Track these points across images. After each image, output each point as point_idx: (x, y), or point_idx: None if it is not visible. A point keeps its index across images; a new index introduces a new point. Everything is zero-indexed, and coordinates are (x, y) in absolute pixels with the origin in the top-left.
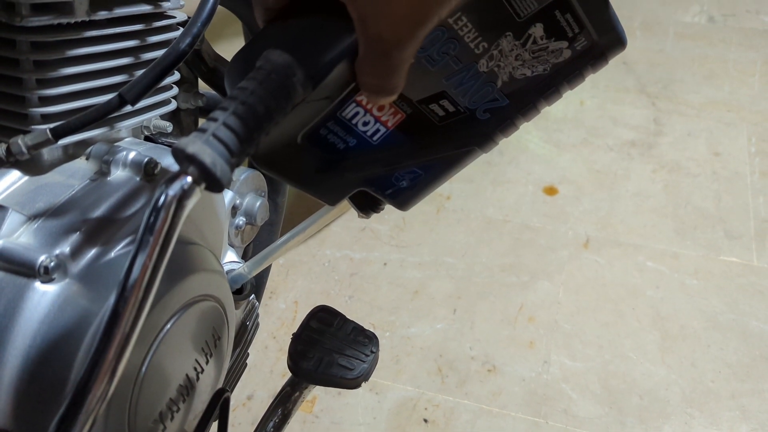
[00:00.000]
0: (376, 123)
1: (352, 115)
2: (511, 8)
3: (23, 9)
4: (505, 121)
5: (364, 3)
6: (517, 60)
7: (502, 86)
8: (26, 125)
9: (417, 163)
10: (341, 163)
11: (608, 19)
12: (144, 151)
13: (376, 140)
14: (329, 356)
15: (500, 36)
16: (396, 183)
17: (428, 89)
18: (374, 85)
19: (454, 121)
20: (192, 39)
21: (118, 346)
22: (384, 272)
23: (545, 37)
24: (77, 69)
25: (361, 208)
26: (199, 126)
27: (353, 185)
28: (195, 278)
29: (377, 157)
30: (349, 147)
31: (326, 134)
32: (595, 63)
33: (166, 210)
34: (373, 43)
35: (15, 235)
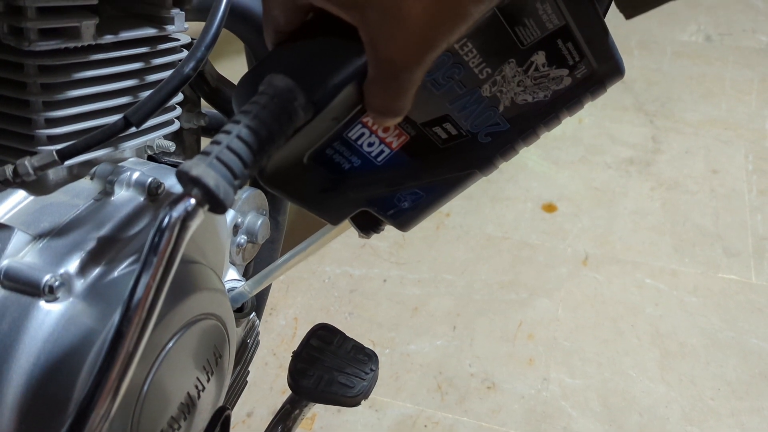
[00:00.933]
0: (381, 144)
1: (357, 136)
2: (515, 36)
3: (31, 34)
4: (505, 146)
5: (376, 26)
6: (519, 86)
7: (504, 111)
8: (32, 146)
9: (419, 184)
10: (345, 183)
11: (608, 49)
12: (147, 171)
13: (380, 161)
14: (329, 374)
15: (504, 62)
16: (398, 204)
17: (432, 112)
18: (382, 106)
19: (457, 144)
20: (196, 63)
21: (122, 365)
22: (384, 289)
23: (547, 65)
24: (83, 91)
25: (362, 228)
26: (203, 149)
27: (356, 205)
28: (197, 297)
29: (380, 177)
30: (353, 167)
31: (332, 154)
32: (594, 91)
33: (170, 231)
34: (384, 65)
35: (20, 254)
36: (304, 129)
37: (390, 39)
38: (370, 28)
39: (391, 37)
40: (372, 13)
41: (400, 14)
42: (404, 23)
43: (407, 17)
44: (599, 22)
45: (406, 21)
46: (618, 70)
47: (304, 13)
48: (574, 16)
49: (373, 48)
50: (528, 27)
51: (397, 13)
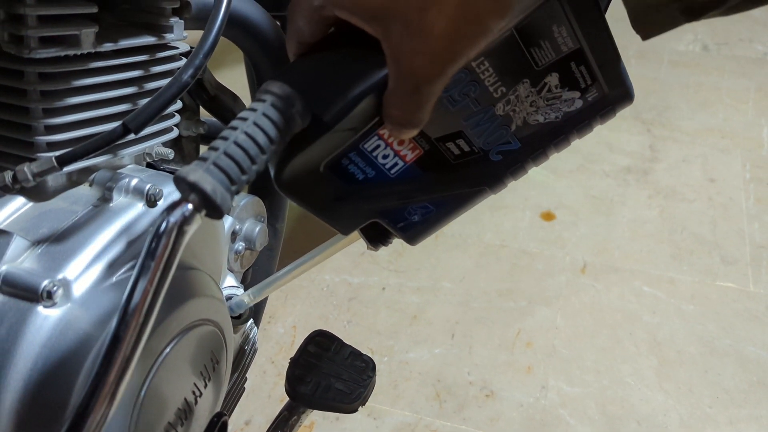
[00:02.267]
0: (395, 157)
1: (373, 147)
2: (531, 57)
3: (32, 42)
4: (515, 165)
5: (399, 39)
6: (531, 106)
7: (516, 130)
8: (32, 153)
9: (430, 198)
10: (358, 194)
11: (619, 74)
12: (146, 178)
13: (393, 173)
14: (326, 381)
15: (518, 82)
16: (408, 217)
17: (447, 128)
18: (401, 118)
19: (468, 161)
20: (194, 71)
21: (119, 370)
22: (382, 297)
23: (560, 87)
24: (83, 98)
25: (371, 240)
26: (201, 155)
27: (367, 216)
28: (194, 303)
29: (393, 189)
30: (367, 178)
31: (347, 164)
32: (604, 115)
33: (167, 236)
34: (405, 77)
35: (19, 260)
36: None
37: (412, 52)
38: (393, 40)
39: (413, 49)
40: (395, 26)
41: (424, 28)
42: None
43: (430, 31)
44: (612, 47)
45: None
46: (628, 96)
47: (328, 25)
48: (588, 41)
49: (395, 60)
50: (543, 49)
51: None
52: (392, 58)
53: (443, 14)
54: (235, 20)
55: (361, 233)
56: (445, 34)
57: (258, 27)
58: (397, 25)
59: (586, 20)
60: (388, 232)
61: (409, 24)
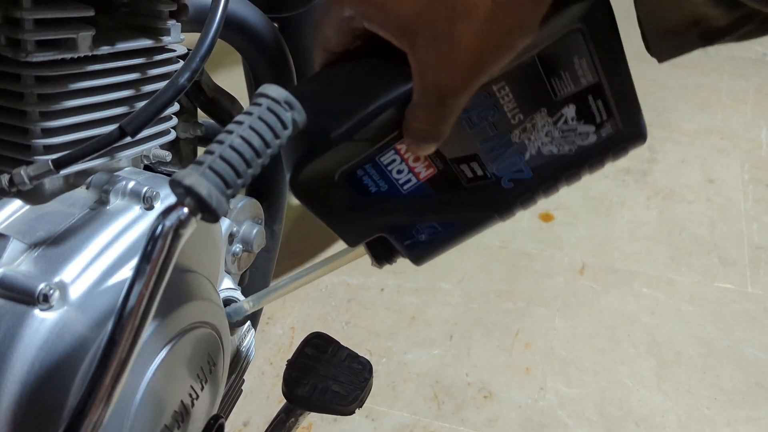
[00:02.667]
0: (410, 173)
1: (389, 161)
2: (550, 86)
3: (29, 45)
4: (525, 194)
5: (426, 52)
6: (547, 136)
7: (529, 159)
8: (29, 156)
9: (439, 218)
10: (369, 207)
11: (635, 112)
12: (143, 180)
13: (405, 189)
14: (324, 383)
15: (536, 110)
16: (415, 235)
17: (462, 149)
18: (422, 131)
19: (480, 185)
20: (191, 74)
21: (114, 372)
22: (381, 298)
23: (576, 119)
24: (79, 101)
25: (376, 256)
26: (197, 158)
27: (376, 230)
28: (191, 306)
29: (404, 206)
30: (380, 191)
31: (362, 176)
32: (616, 152)
33: (162, 239)
34: (430, 89)
35: (16, 263)
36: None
37: (439, 64)
38: (420, 53)
39: (440, 62)
40: (423, 39)
41: (452, 41)
42: (454, 50)
43: (458, 44)
44: (630, 85)
45: (456, 48)
46: (641, 135)
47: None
48: (608, 76)
49: (421, 72)
50: (563, 79)
51: (449, 39)
52: (418, 69)
53: (471, 28)
54: (231, 23)
55: (366, 248)
56: (471, 48)
57: (255, 29)
58: (425, 38)
59: (607, 55)
60: (393, 250)
61: (437, 36)
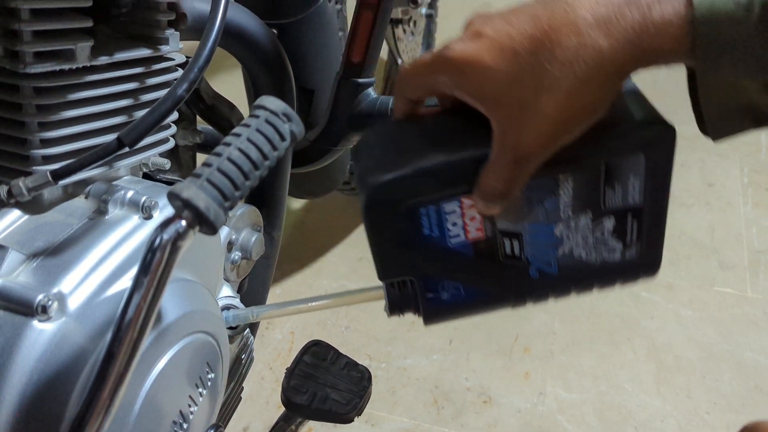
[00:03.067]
0: (461, 229)
1: (450, 210)
2: (603, 194)
3: (27, 57)
4: (544, 288)
5: (509, 117)
6: (582, 240)
7: (561, 256)
8: (27, 166)
9: (466, 282)
10: (416, 247)
11: (659, 244)
12: (141, 189)
13: (452, 243)
14: (322, 391)
15: (583, 212)
16: (440, 291)
17: (512, 224)
18: (493, 188)
19: (512, 264)
20: (189, 84)
21: (113, 384)
22: (380, 302)
23: (611, 232)
24: (78, 112)
25: (392, 303)
26: (195, 171)
27: (410, 271)
28: (189, 315)
29: (444, 257)
30: (431, 236)
31: (423, 215)
32: (626, 280)
33: (161, 252)
34: (508, 150)
35: (14, 273)
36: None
37: (520, 129)
38: (503, 118)
39: (521, 127)
40: (508, 106)
41: (535, 109)
42: (536, 117)
43: (540, 113)
44: (664, 219)
45: (538, 116)
46: (655, 267)
47: (438, 96)
48: (651, 203)
49: (502, 134)
50: (615, 192)
51: (532, 109)
52: (500, 131)
53: (554, 100)
54: (229, 30)
55: (386, 291)
56: (551, 117)
57: (253, 37)
58: (510, 105)
59: (658, 185)
60: (408, 302)
61: (522, 104)
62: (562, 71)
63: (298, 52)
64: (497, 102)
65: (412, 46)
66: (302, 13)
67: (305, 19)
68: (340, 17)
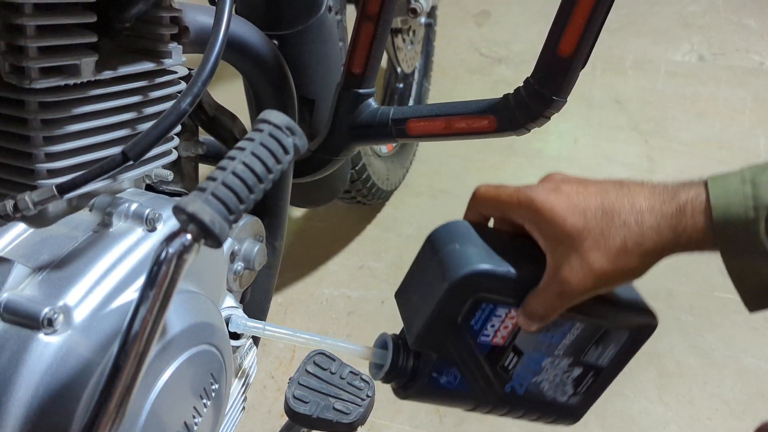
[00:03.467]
0: (494, 331)
1: (498, 314)
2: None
3: (32, 72)
4: (503, 405)
5: (564, 258)
6: (552, 377)
7: (532, 383)
8: (32, 180)
9: (466, 375)
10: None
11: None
12: (145, 202)
13: (480, 339)
14: (325, 400)
15: (568, 355)
16: (444, 374)
17: (522, 344)
18: (536, 311)
19: (501, 375)
20: (192, 98)
21: (119, 397)
22: (381, 310)
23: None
24: (83, 126)
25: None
26: (199, 184)
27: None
28: (194, 327)
29: (468, 348)
30: (473, 327)
31: (482, 308)
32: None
33: (166, 265)
34: (557, 283)
35: (20, 287)
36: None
37: (571, 269)
38: (559, 257)
39: (572, 269)
40: (565, 250)
41: (587, 260)
42: (586, 266)
43: (590, 264)
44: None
45: (587, 265)
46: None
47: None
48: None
49: (555, 269)
50: (596, 350)
51: (585, 258)
52: (554, 267)
53: (604, 257)
54: (231, 43)
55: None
56: (597, 270)
57: (254, 48)
58: (568, 250)
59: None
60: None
61: (578, 252)
62: (615, 238)
63: (299, 63)
64: (559, 244)
65: (411, 55)
66: (303, 24)
67: (306, 29)
68: (340, 27)
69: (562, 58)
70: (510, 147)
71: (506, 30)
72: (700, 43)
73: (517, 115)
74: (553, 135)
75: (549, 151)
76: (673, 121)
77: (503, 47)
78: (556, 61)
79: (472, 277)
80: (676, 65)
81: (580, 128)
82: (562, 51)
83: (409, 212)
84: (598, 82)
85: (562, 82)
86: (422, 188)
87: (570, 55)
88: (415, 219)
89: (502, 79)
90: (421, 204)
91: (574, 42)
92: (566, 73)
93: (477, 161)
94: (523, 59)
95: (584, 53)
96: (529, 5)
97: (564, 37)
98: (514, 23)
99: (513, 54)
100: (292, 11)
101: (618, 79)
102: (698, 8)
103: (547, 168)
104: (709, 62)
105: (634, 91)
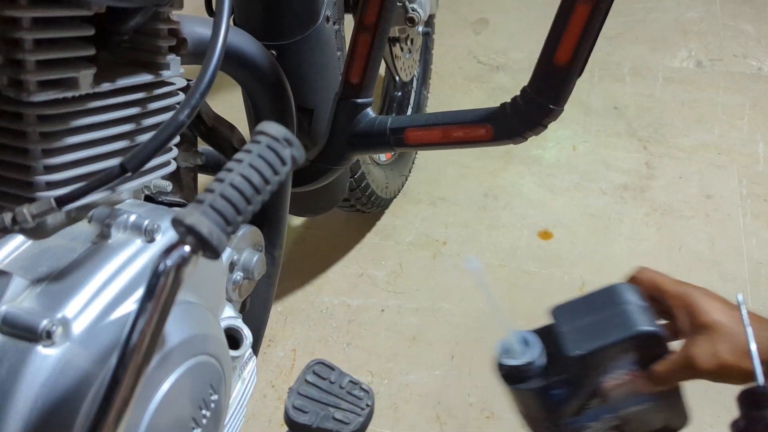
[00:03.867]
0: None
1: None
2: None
3: (31, 86)
4: None
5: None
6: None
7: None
8: (31, 192)
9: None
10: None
11: None
12: (144, 213)
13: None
14: (325, 410)
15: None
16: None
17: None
18: (661, 374)
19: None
20: (191, 110)
21: (118, 409)
22: (381, 319)
23: None
24: (81, 138)
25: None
26: (197, 196)
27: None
28: (193, 338)
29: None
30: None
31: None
32: None
33: (165, 277)
34: (687, 358)
35: (18, 299)
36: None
37: (701, 352)
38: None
39: (702, 352)
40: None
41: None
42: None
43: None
44: None
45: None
46: None
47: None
48: None
49: (690, 346)
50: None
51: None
52: (690, 344)
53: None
54: (230, 54)
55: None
56: (721, 360)
57: (252, 59)
58: (705, 336)
59: None
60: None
61: (713, 340)
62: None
63: (297, 73)
64: (702, 329)
65: (409, 64)
66: (301, 34)
67: (304, 39)
68: (338, 37)
69: (559, 66)
70: (508, 154)
71: (504, 38)
72: (697, 49)
73: (514, 124)
74: (552, 142)
75: (548, 158)
76: (671, 127)
77: (501, 55)
78: (553, 70)
79: (647, 335)
80: (674, 71)
81: (578, 135)
82: (559, 59)
83: (408, 220)
84: (596, 88)
85: (559, 90)
86: (421, 196)
87: (567, 64)
88: (414, 226)
89: (500, 87)
90: (420, 211)
91: (570, 50)
92: (563, 81)
93: (476, 168)
94: (521, 66)
95: (581, 62)
96: (526, 13)
97: (560, 46)
98: (512, 31)
99: (511, 61)
100: (289, 21)
101: (616, 86)
102: (696, 14)
103: (545, 175)
104: (707, 68)
105: (632, 98)
